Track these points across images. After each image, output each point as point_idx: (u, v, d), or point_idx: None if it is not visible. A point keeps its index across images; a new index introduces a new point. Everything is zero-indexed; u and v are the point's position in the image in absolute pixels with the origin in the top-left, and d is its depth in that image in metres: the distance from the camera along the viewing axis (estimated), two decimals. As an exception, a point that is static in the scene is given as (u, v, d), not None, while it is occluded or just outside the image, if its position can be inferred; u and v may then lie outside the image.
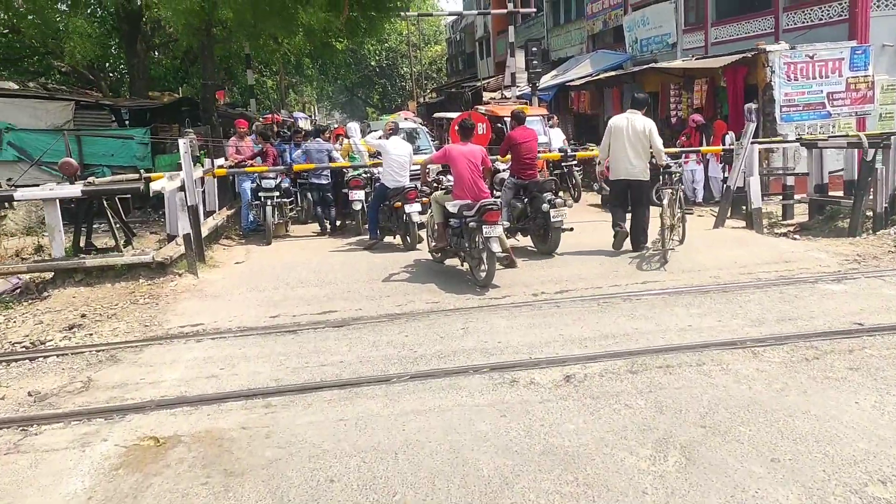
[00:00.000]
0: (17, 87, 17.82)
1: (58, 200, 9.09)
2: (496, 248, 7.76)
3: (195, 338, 6.78)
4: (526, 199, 9.55)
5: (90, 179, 11.62)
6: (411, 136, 15.70)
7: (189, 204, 9.56)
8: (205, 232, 10.64)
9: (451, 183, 8.77)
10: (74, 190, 9.22)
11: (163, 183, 9.18)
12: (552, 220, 9.05)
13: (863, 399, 4.47)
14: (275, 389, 5.36)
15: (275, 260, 10.31)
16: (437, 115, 24.39)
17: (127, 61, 22.13)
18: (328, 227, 12.55)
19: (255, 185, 12.20)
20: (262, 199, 11.87)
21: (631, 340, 5.95)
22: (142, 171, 11.63)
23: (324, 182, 12.42)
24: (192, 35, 15.33)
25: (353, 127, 14.52)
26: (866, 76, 14.29)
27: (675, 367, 5.27)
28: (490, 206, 7.73)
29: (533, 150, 9.72)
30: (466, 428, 4.46)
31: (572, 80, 22.65)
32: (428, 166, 9.27)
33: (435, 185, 9.10)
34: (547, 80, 24.18)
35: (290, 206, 12.70)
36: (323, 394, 5.23)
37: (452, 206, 8.27)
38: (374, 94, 62.23)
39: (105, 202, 11.03)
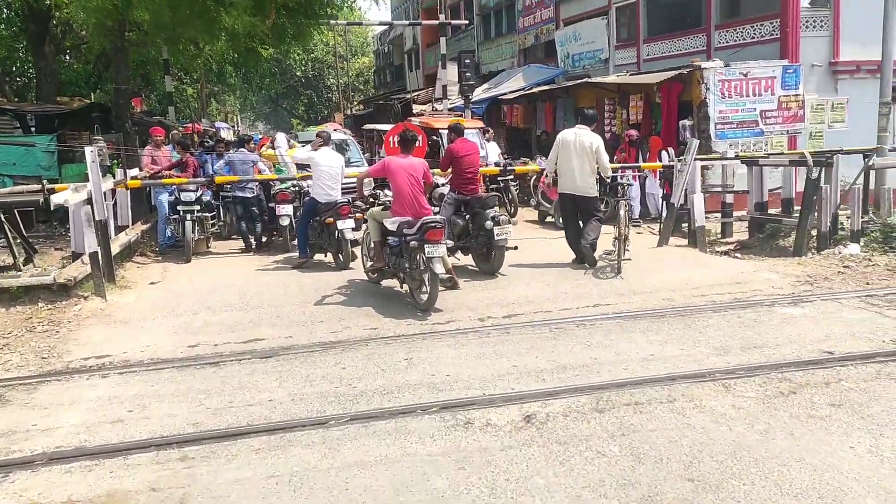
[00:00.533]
0: None
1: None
2: (439, 269, 7.19)
3: (100, 372, 5.94)
4: (468, 216, 9.03)
5: (-16, 190, 10.53)
6: (341, 148, 15.02)
7: (97, 218, 8.64)
8: (116, 249, 9.69)
9: (389, 198, 8.18)
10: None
11: (66, 195, 8.24)
12: (496, 238, 8.55)
13: (857, 443, 4.07)
14: (193, 436, 4.61)
15: (194, 280, 9.45)
16: (367, 126, 23.73)
17: (34, 64, 20.65)
18: (253, 243, 11.73)
19: (172, 197, 11.28)
20: (181, 212, 10.97)
21: (591, 372, 5.46)
22: (44, 181, 10.54)
23: (249, 195, 11.60)
24: (104, 36, 14.22)
25: (281, 137, 13.74)
26: (797, 95, 14.44)
27: (645, 404, 4.79)
28: (433, 224, 7.16)
29: (475, 164, 9.22)
30: (420, 485, 3.85)
31: (505, 94, 22.38)
32: (364, 180, 8.60)
33: (371, 199, 8.44)
34: (479, 94, 23.86)
35: (211, 221, 11.81)
36: (250, 441, 4.52)
37: (391, 224, 7.66)
38: (299, 105, 60.96)
39: (1, 215, 9.97)
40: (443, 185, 9.89)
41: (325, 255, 10.34)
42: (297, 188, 11.17)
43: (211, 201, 11.83)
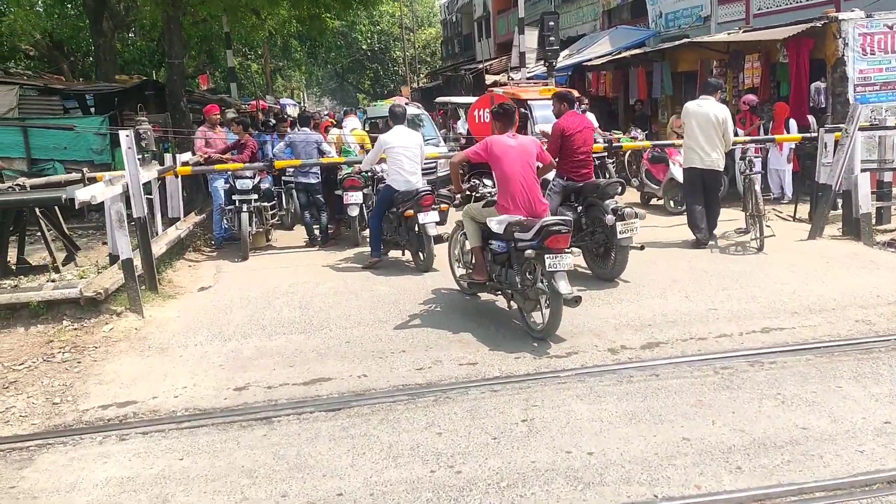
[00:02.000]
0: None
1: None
2: (565, 288, 5.40)
3: (118, 431, 4.49)
4: (580, 207, 7.27)
5: (19, 181, 9.31)
6: (413, 124, 13.35)
7: (137, 215, 7.24)
8: (161, 249, 8.32)
9: (490, 189, 6.51)
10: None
11: (96, 189, 6.83)
12: (619, 236, 6.77)
13: None
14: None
15: (250, 285, 7.99)
16: (440, 99, 21.99)
17: (94, 41, 19.63)
18: (318, 236, 10.23)
19: (228, 185, 9.87)
20: (237, 202, 9.55)
21: (809, 457, 3.69)
22: (84, 170, 9.26)
23: (313, 181, 10.09)
24: (155, 5, 12.89)
25: (352, 120, 12.26)
26: (958, 49, 12.02)
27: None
28: (556, 228, 5.41)
29: (588, 143, 7.43)
30: None
31: (590, 60, 20.28)
32: (459, 166, 6.77)
33: (468, 191, 6.72)
34: (560, 61, 21.77)
35: (272, 211, 10.36)
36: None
37: (496, 224, 5.93)
38: (365, 79, 59.44)
39: (37, 209, 8.74)
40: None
41: (403, 253, 8.75)
42: (369, 173, 9.56)
43: (271, 188, 10.37)
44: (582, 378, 4.86)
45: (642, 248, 6.99)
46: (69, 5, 23.92)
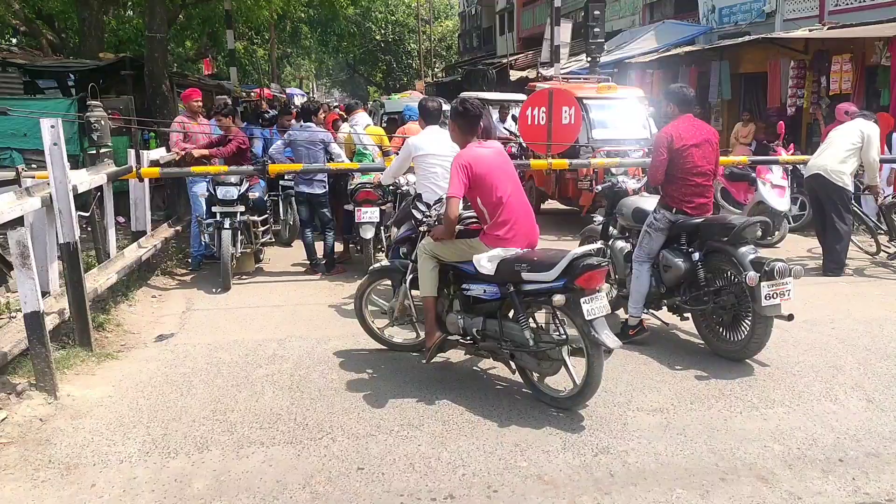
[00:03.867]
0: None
1: None
2: (612, 340, 4.05)
3: None
4: (696, 254, 5.08)
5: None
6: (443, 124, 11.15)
7: (63, 241, 5.09)
8: (109, 280, 6.14)
9: (469, 215, 4.73)
10: None
11: (3, 203, 4.66)
12: (765, 302, 4.59)
13: None
14: None
15: (225, 336, 5.84)
16: (464, 95, 19.80)
17: (78, 14, 17.45)
18: (322, 261, 8.06)
19: (209, 192, 7.71)
20: (218, 216, 7.40)
21: None
22: (20, 167, 7.07)
23: (318, 191, 7.92)
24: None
25: (362, 116, 10.08)
26: None
27: None
28: (592, 263, 4.05)
29: (711, 162, 5.21)
30: None
31: (635, 56, 18.07)
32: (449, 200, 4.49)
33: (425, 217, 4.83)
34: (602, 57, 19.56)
35: (263, 227, 8.18)
36: None
37: (488, 262, 4.34)
38: (377, 71, 57.11)
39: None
40: (636, 190, 5.95)
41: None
42: (392, 186, 7.36)
43: (262, 198, 8.18)
44: None
45: (791, 317, 4.79)
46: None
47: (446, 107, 12.54)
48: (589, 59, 16.17)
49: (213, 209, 7.42)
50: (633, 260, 5.47)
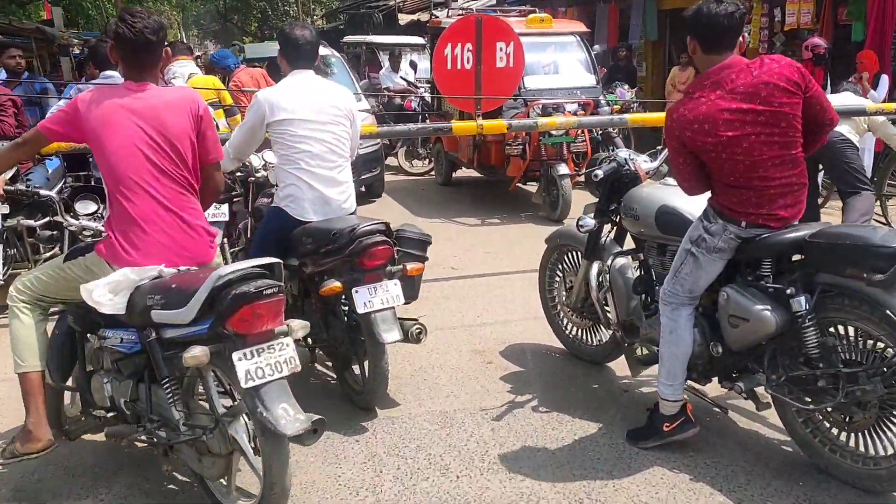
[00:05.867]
0: None
1: None
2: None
3: None
4: (800, 295, 2.74)
5: None
6: (320, 71, 8.29)
7: None
8: None
9: None
10: None
11: None
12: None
13: None
14: None
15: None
16: (349, 38, 17.12)
17: None
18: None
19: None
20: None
21: None
22: None
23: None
24: None
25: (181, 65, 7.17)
26: None
27: None
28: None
29: (797, 129, 2.83)
30: None
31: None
32: None
33: None
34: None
35: (47, 234, 5.24)
36: None
37: (107, 294, 2.67)
38: (252, 20, 53.27)
39: None
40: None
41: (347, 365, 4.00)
42: (239, 172, 4.60)
43: (50, 195, 5.20)
44: None
45: None
46: None
47: (326, 50, 9.83)
48: (497, -9, 13.65)
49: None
50: (661, 300, 3.10)
